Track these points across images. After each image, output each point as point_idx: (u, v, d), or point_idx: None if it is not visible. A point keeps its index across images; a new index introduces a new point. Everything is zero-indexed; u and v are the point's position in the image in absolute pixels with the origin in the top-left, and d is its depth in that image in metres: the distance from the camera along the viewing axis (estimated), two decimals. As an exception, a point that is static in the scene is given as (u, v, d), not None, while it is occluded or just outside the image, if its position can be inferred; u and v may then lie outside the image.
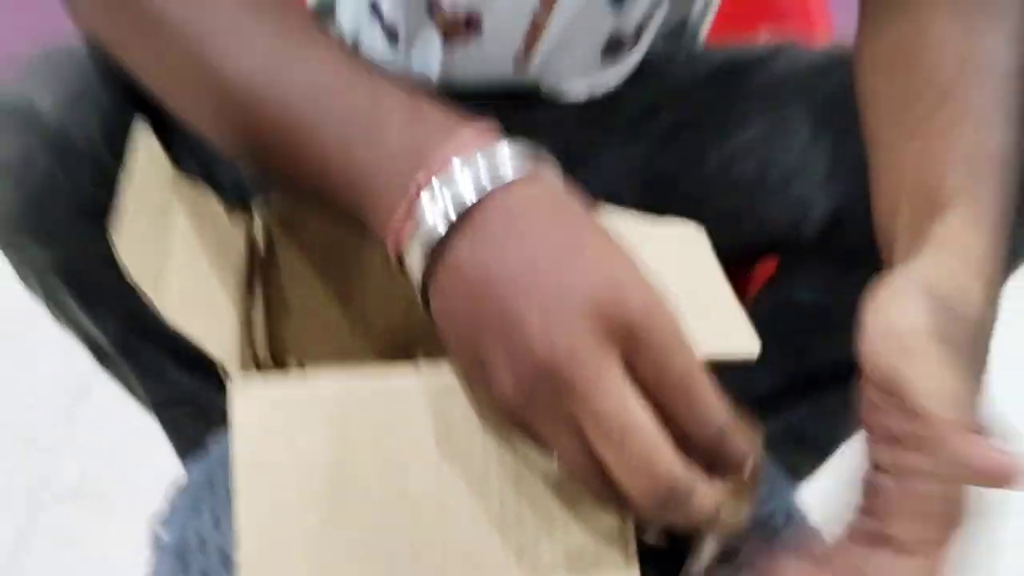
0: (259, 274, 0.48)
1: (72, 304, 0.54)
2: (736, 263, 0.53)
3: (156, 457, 0.70)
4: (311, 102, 0.38)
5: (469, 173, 0.34)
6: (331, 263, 0.49)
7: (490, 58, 0.62)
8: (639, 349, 0.32)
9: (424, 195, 0.34)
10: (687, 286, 0.35)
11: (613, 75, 0.66)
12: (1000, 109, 0.42)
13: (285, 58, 0.39)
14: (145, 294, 0.36)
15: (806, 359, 0.63)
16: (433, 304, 0.36)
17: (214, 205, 0.46)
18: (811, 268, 0.60)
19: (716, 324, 0.38)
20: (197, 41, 0.40)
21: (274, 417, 0.34)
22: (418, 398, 0.35)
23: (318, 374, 0.35)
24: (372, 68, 0.39)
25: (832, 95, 0.57)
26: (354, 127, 0.37)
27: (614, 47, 0.64)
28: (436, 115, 0.37)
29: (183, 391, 0.60)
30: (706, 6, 0.73)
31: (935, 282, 0.37)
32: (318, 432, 0.34)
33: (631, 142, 0.66)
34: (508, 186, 0.34)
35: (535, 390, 0.32)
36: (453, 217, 0.34)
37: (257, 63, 0.39)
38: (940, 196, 0.40)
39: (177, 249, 0.40)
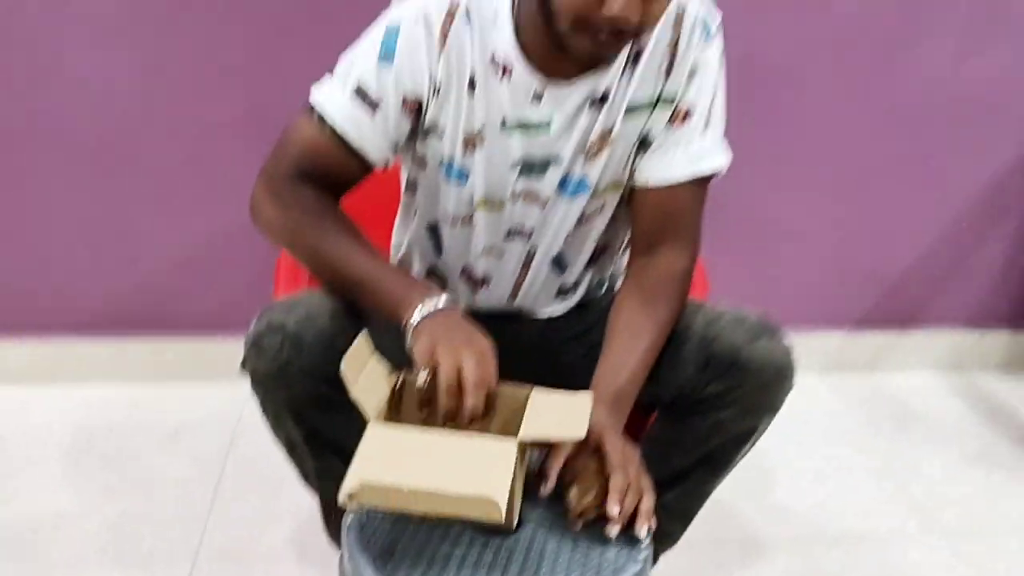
0: (394, 396, 0.98)
1: (291, 425, 1.03)
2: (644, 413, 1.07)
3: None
4: (370, 277, 0.99)
5: (429, 304, 0.94)
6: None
7: (493, 297, 1.18)
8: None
9: (415, 312, 0.94)
10: (563, 406, 0.88)
11: (563, 307, 1.20)
12: (636, 349, 1.04)
13: (358, 259, 1.00)
14: (349, 389, 0.87)
15: (673, 463, 1.11)
16: (412, 342, 0.92)
17: (383, 366, 0.97)
18: (669, 416, 1.11)
19: (565, 424, 0.88)
20: (323, 249, 1.01)
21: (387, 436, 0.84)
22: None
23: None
24: (385, 261, 1.00)
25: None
26: (388, 285, 0.98)
27: (563, 292, 1.18)
28: (420, 285, 1.00)
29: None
30: (622, 273, 1.27)
31: (609, 391, 0.98)
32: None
33: (576, 347, 1.19)
34: (442, 309, 0.94)
35: (447, 351, 0.89)
36: (418, 318, 0.93)
37: (347, 259, 1.00)
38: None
39: (364, 378, 0.90)
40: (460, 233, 1.14)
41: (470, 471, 0.80)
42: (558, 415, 0.91)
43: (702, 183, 1.09)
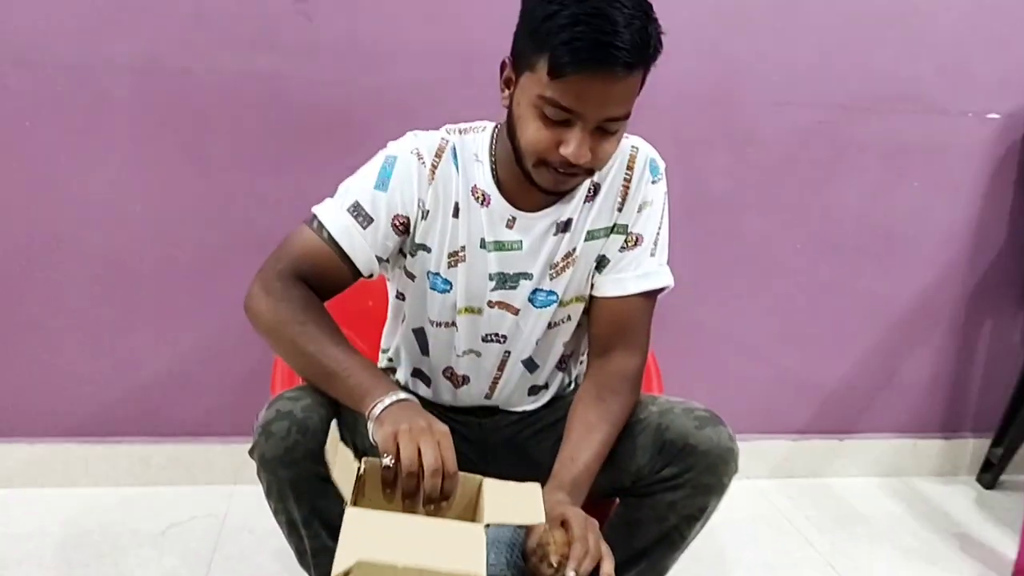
0: (359, 481, 1.08)
1: (293, 504, 1.14)
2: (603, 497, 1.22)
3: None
4: (341, 369, 1.10)
5: (387, 400, 1.06)
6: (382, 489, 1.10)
7: (474, 394, 1.33)
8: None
9: (377, 404, 1.06)
10: (516, 493, 1.03)
11: (535, 403, 1.35)
12: (591, 441, 1.20)
13: (333, 352, 1.11)
14: (333, 479, 0.98)
15: (634, 543, 1.23)
16: (375, 431, 1.05)
17: (350, 455, 1.08)
18: (629, 500, 1.24)
19: (522, 509, 1.01)
20: (302, 341, 1.12)
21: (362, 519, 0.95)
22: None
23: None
24: (361, 357, 1.12)
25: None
26: (356, 379, 1.10)
27: (534, 390, 1.34)
28: (384, 380, 1.11)
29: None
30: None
31: (567, 478, 1.15)
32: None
33: (547, 438, 1.33)
34: (398, 401, 1.07)
35: (408, 438, 1.00)
36: (380, 409, 1.06)
37: (322, 352, 1.11)
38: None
39: (339, 465, 1.02)
40: (444, 336, 1.30)
41: (449, 550, 0.90)
42: (514, 501, 1.03)
43: (650, 298, 1.27)
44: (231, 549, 1.75)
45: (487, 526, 0.96)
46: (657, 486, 1.20)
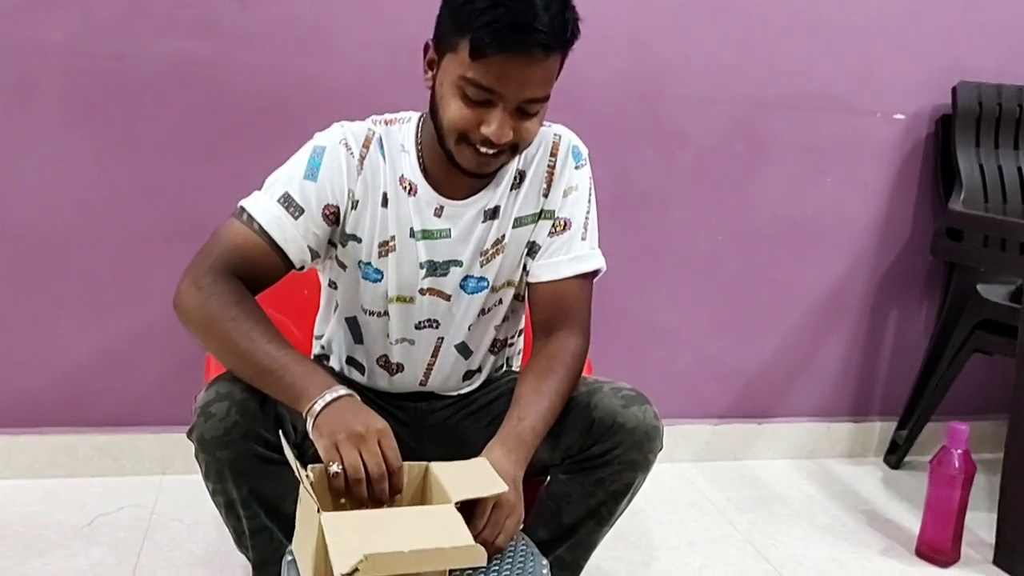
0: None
1: (231, 485, 1.14)
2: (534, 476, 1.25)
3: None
4: (276, 366, 1.08)
5: (323, 401, 1.06)
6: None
7: (408, 380, 1.36)
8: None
9: (314, 404, 1.06)
10: (468, 471, 1.07)
11: (469, 386, 1.39)
12: (535, 406, 1.22)
13: (266, 348, 1.09)
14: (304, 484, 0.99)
15: (563, 519, 1.28)
16: (315, 439, 1.05)
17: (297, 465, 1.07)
18: (559, 477, 1.29)
19: (480, 485, 1.05)
20: (233, 338, 1.10)
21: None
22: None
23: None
24: (294, 351, 1.11)
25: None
26: (291, 377, 1.08)
27: (468, 375, 1.38)
28: (320, 377, 1.10)
29: (279, 551, 1.18)
30: (518, 354, 1.48)
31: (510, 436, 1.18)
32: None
33: (482, 418, 1.37)
34: (338, 397, 1.07)
35: (348, 447, 1.01)
36: (318, 408, 1.05)
37: (255, 348, 1.09)
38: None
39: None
40: (377, 324, 1.32)
41: (436, 531, 0.94)
42: (470, 477, 1.07)
43: (585, 280, 1.31)
44: (161, 539, 1.73)
45: (457, 505, 0.99)
46: (586, 463, 1.24)
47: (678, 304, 2.21)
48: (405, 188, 1.25)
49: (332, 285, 1.34)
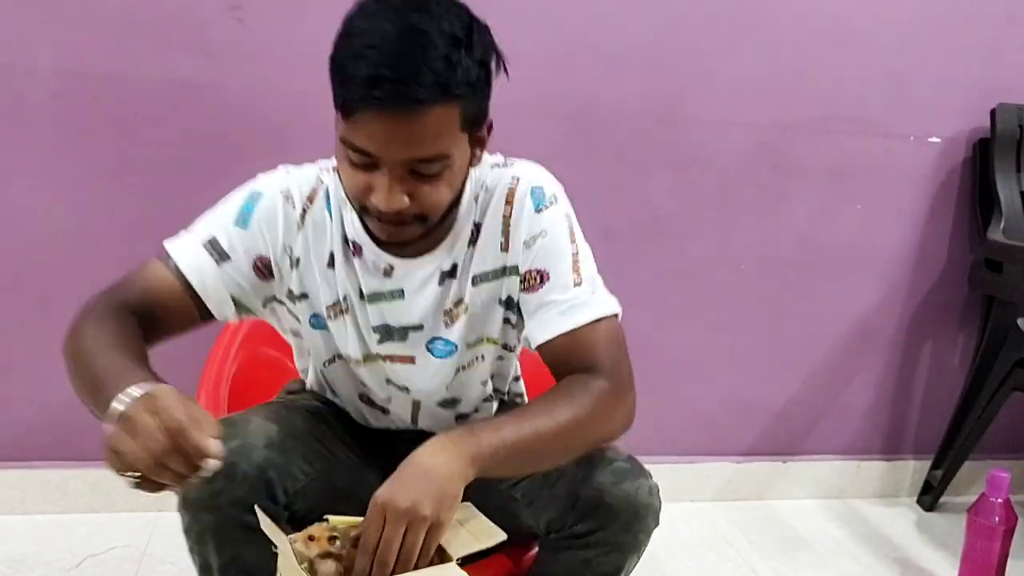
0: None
1: (211, 550, 1.05)
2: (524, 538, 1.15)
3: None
4: (107, 376, 0.87)
5: (135, 392, 0.81)
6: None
7: (397, 420, 1.26)
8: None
9: (120, 397, 0.81)
10: (465, 524, 0.96)
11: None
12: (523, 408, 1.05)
13: (111, 365, 0.90)
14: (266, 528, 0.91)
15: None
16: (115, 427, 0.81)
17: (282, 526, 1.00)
18: (545, 551, 1.17)
19: (476, 534, 0.96)
20: (82, 349, 0.94)
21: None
22: None
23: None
24: (134, 364, 0.91)
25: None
26: (116, 380, 0.84)
27: (462, 417, 1.27)
28: (139, 376, 0.86)
29: None
30: (520, 395, 1.37)
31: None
32: None
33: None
34: (145, 393, 0.81)
35: (117, 433, 0.80)
36: (126, 401, 0.81)
37: (99, 364, 0.91)
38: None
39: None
40: (348, 378, 1.22)
41: None
42: (467, 529, 0.97)
43: (593, 328, 1.10)
44: (151, 581, 1.66)
45: (459, 562, 0.91)
46: (570, 541, 1.12)
47: (699, 336, 2.10)
48: (350, 247, 1.13)
49: (296, 335, 1.24)
